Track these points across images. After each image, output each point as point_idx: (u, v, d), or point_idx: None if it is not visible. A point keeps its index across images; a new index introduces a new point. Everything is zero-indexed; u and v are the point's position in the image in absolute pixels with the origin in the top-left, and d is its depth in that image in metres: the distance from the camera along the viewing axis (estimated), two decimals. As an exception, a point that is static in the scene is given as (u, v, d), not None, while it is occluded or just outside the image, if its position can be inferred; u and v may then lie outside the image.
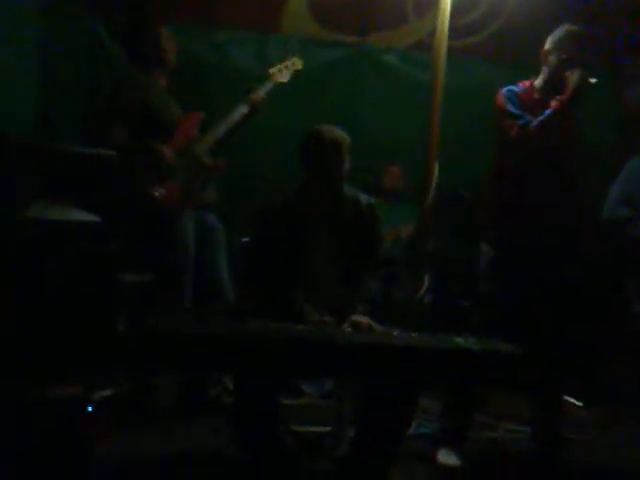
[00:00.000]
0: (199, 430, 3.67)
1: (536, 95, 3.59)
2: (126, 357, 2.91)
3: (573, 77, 3.42)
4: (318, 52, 5.56)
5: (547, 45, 3.61)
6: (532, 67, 3.66)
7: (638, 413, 4.32)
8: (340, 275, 3.37)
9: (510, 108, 3.52)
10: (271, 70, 4.43)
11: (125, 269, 4.21)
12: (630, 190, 3.95)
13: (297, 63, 4.53)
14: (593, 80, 3.40)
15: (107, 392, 3.83)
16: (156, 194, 3.90)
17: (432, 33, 4.40)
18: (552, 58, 3.56)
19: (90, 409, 2.99)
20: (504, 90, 3.60)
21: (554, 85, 3.54)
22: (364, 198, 3.49)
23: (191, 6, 5.03)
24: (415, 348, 2.82)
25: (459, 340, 2.89)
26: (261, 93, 4.31)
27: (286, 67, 4.47)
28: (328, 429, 3.41)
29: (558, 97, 3.46)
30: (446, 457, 3.57)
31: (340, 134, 3.39)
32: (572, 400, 4.72)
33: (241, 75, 5.26)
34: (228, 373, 3.03)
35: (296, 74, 4.54)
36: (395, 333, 3.13)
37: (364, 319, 3.23)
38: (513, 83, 3.65)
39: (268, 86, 4.37)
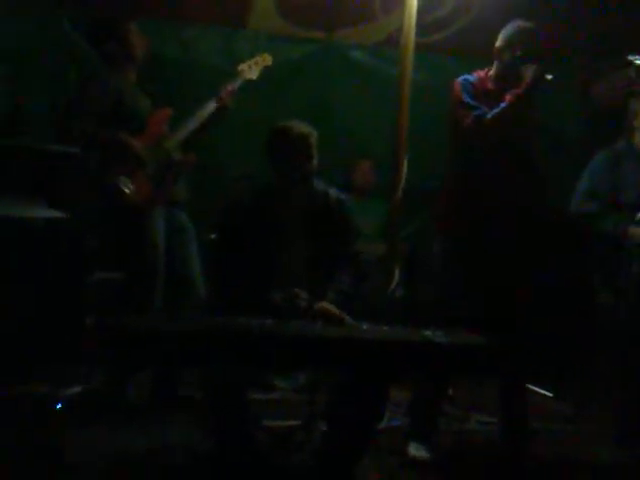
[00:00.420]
0: (171, 426, 3.65)
1: (490, 86, 3.61)
2: (95, 354, 2.90)
3: (529, 72, 3.44)
4: (286, 48, 5.57)
5: (499, 42, 3.62)
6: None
7: (607, 404, 4.37)
8: (312, 270, 3.37)
9: (465, 98, 3.54)
10: (240, 67, 4.40)
11: (95, 266, 4.21)
12: (596, 184, 3.99)
13: (266, 59, 4.50)
14: (549, 76, 3.43)
15: (77, 389, 3.83)
16: (125, 189, 3.87)
17: (400, 29, 4.41)
18: (505, 55, 3.57)
19: (59, 406, 2.98)
20: (460, 79, 3.62)
21: (508, 79, 3.55)
22: (334, 193, 3.49)
23: (158, 2, 5.00)
24: (385, 341, 2.84)
25: (428, 333, 2.91)
26: (230, 90, 4.29)
27: (255, 63, 4.45)
28: (300, 423, 3.41)
29: (513, 91, 3.47)
30: (416, 450, 3.57)
31: (307, 129, 3.38)
32: (542, 391, 4.78)
33: (209, 71, 5.26)
34: (198, 369, 3.02)
35: (265, 70, 4.53)
36: (365, 327, 3.14)
37: (332, 308, 3.22)
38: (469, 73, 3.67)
39: (237, 83, 4.34)
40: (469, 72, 3.68)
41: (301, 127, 3.38)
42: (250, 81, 4.42)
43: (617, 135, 4.23)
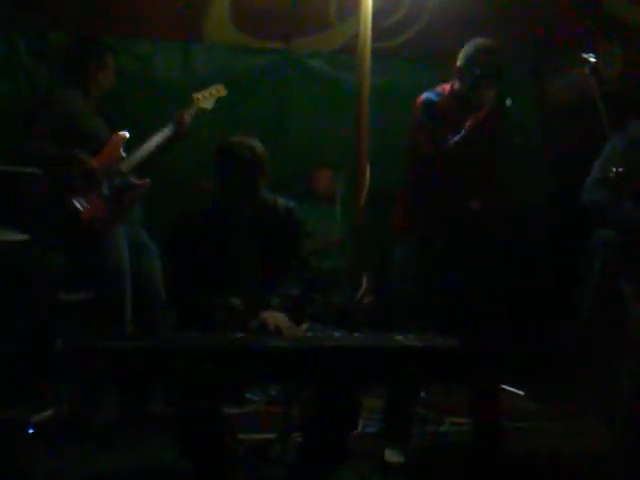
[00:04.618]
0: (144, 446, 3.62)
1: (452, 103, 3.59)
2: (64, 376, 2.86)
3: (489, 97, 3.44)
4: (244, 59, 5.57)
5: (459, 61, 3.60)
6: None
7: (579, 402, 4.41)
8: (262, 280, 3.36)
9: (426, 121, 3.55)
10: (195, 95, 4.42)
11: (61, 288, 4.17)
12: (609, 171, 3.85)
13: (221, 90, 4.53)
14: (508, 102, 3.43)
15: (48, 413, 3.78)
16: (78, 206, 3.85)
17: (356, 36, 4.43)
18: (465, 75, 3.56)
19: (30, 431, 2.93)
20: (423, 97, 3.61)
21: (469, 98, 3.56)
22: (282, 201, 3.47)
23: (112, 18, 4.97)
24: (356, 348, 2.84)
25: (399, 338, 2.91)
26: (187, 117, 4.30)
27: (210, 94, 4.47)
28: (275, 435, 3.40)
29: (473, 116, 3.47)
30: (392, 455, 3.59)
31: (252, 145, 3.32)
32: (514, 390, 4.81)
33: (166, 85, 5.24)
34: (168, 386, 3.00)
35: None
36: (336, 334, 3.14)
37: (273, 317, 3.18)
38: (433, 87, 3.67)
39: (192, 110, 4.37)
40: (426, 77, 3.68)
41: (248, 142, 3.33)
42: (204, 111, 4.43)
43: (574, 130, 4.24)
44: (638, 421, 3.67)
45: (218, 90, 4.52)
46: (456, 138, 3.47)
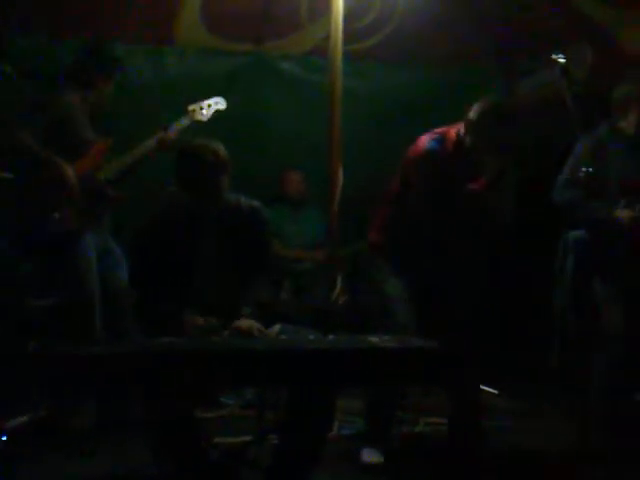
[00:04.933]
0: (120, 451, 3.60)
1: (453, 151, 3.57)
2: (37, 382, 2.84)
3: (492, 165, 3.46)
4: (215, 62, 5.54)
5: (472, 114, 3.53)
6: (427, 67, 3.72)
7: (553, 401, 4.45)
8: (229, 282, 3.35)
9: (427, 175, 3.53)
10: (191, 107, 4.30)
11: (31, 293, 4.14)
12: (578, 171, 3.87)
13: (220, 104, 4.41)
14: (507, 178, 3.47)
15: (23, 419, 3.75)
16: (54, 214, 3.82)
17: (328, 38, 4.43)
18: (473, 136, 3.51)
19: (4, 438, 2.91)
20: (426, 149, 3.57)
21: (473, 151, 3.54)
22: (246, 201, 3.46)
23: (82, 22, 4.93)
24: (331, 350, 2.84)
25: (374, 339, 2.92)
26: (173, 131, 4.20)
27: (208, 106, 4.34)
28: (250, 438, 3.39)
29: (476, 183, 3.50)
30: (369, 456, 3.59)
31: (214, 147, 3.32)
32: (488, 389, 4.83)
33: (138, 89, 5.20)
34: (141, 391, 2.98)
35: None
36: (311, 337, 3.14)
37: (246, 324, 3.20)
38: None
39: (184, 122, 4.26)
40: (398, 78, 3.66)
41: (210, 145, 3.33)
42: (199, 123, 4.30)
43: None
44: (610, 419, 3.71)
45: (217, 102, 4.39)
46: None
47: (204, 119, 4.32)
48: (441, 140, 3.58)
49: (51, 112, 4.02)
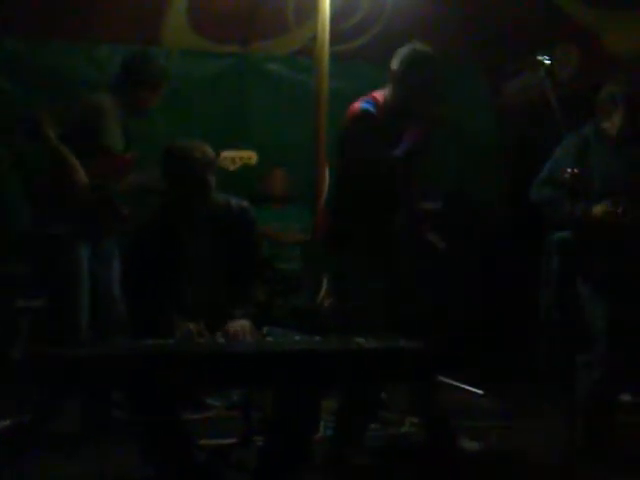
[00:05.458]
0: (106, 453, 3.58)
1: (388, 112, 3.53)
2: (23, 384, 2.84)
3: (428, 108, 3.47)
4: (202, 63, 5.56)
5: (394, 64, 3.54)
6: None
7: (539, 401, 4.46)
8: (220, 283, 3.36)
9: (364, 137, 3.45)
10: (223, 153, 4.13)
11: (18, 294, 4.13)
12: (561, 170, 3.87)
13: (252, 158, 4.29)
14: (446, 110, 3.45)
15: (6, 422, 3.75)
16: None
17: (314, 39, 4.43)
18: (402, 83, 3.49)
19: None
20: (358, 110, 3.52)
21: (404, 106, 3.52)
22: (235, 202, 3.47)
23: (68, 22, 4.92)
24: (317, 352, 2.85)
25: (359, 340, 2.92)
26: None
27: (240, 158, 4.23)
28: (236, 440, 3.39)
29: (414, 129, 3.48)
30: (356, 457, 3.59)
31: (201, 146, 3.33)
32: (473, 389, 4.85)
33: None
34: (127, 393, 2.98)
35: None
36: (297, 338, 3.14)
37: (240, 325, 3.21)
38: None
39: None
40: (385, 79, 3.63)
41: (197, 144, 3.34)
42: (224, 169, 4.12)
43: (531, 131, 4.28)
44: (597, 420, 3.72)
45: (250, 157, 4.28)
46: (398, 152, 3.45)
47: (230, 169, 4.18)
48: (371, 102, 3.55)
49: (77, 112, 3.97)
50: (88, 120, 3.91)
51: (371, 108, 3.52)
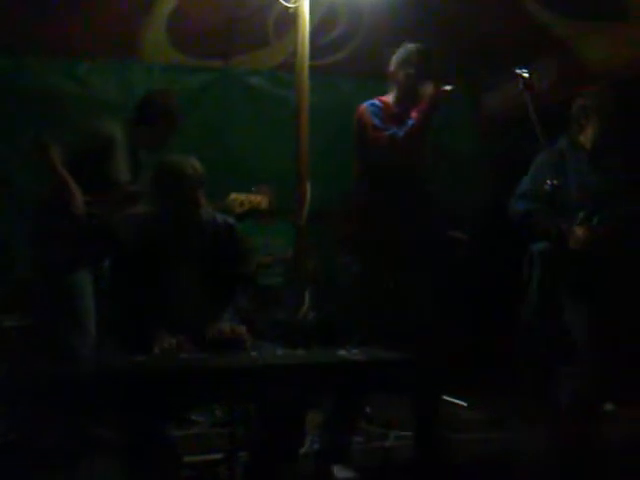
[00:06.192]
0: (89, 471, 3.56)
1: (395, 109, 3.68)
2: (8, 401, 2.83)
3: (427, 89, 3.54)
4: (183, 78, 5.57)
5: (392, 66, 3.71)
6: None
7: (521, 412, 4.46)
8: (205, 297, 3.35)
9: (376, 121, 3.59)
10: (233, 195, 4.17)
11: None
12: (538, 185, 3.88)
13: (263, 203, 4.29)
14: (448, 87, 3.53)
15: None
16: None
17: (295, 53, 4.45)
18: (400, 76, 3.67)
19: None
20: (367, 104, 3.67)
21: (408, 100, 3.66)
22: (221, 218, 3.49)
23: (48, 38, 4.91)
24: (300, 365, 2.85)
25: (343, 352, 2.92)
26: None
27: (249, 202, 4.23)
28: (221, 456, 3.37)
29: (418, 107, 3.58)
30: (342, 471, 3.58)
31: (191, 162, 3.34)
32: (457, 401, 4.85)
33: (104, 105, 5.19)
34: (113, 409, 2.96)
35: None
36: (280, 352, 3.14)
37: (232, 327, 3.22)
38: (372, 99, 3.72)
39: (217, 207, 3.90)
40: (365, 92, 3.74)
41: (186, 159, 3.35)
42: (232, 213, 4.07)
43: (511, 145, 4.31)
44: (580, 430, 3.73)
45: (260, 202, 4.27)
46: (406, 128, 3.56)
47: (238, 211, 4.16)
48: (378, 101, 3.69)
49: (85, 138, 3.88)
50: (96, 148, 3.84)
51: (377, 103, 3.67)
